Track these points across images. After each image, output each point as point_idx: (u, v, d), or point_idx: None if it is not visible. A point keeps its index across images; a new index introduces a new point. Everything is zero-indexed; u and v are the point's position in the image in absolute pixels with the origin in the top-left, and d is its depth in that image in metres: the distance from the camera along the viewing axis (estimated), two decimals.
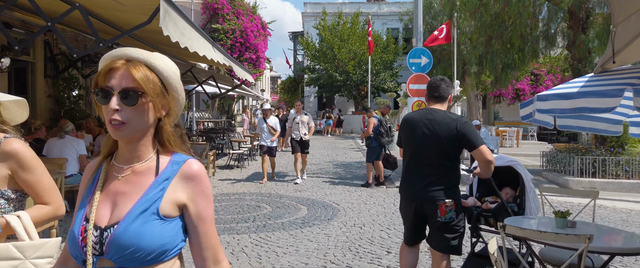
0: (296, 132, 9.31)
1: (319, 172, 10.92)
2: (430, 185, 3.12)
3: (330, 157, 14.41)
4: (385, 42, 26.73)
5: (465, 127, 3.08)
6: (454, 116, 3.22)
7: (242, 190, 8.50)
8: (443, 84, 3.33)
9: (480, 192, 4.00)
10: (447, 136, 3.10)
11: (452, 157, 3.15)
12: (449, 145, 3.11)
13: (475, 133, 3.12)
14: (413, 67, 9.43)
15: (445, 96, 3.32)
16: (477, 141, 3.06)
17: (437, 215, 3.09)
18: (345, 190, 8.64)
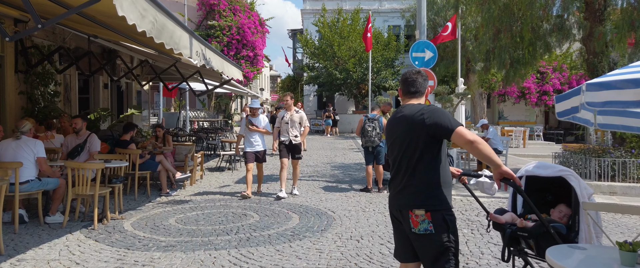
0: (285, 134, 7.60)
1: (314, 175, 10.19)
2: (402, 190, 2.74)
3: (329, 157, 13.70)
4: (386, 39, 26.00)
5: (433, 114, 2.65)
6: (419, 106, 2.76)
7: (230, 195, 7.78)
8: (420, 77, 2.91)
9: (526, 208, 3.27)
10: (416, 129, 2.69)
11: (429, 153, 2.68)
12: (420, 139, 2.67)
13: (445, 116, 2.63)
14: (416, 62, 8.71)
15: (422, 91, 2.91)
16: (449, 124, 2.59)
17: (410, 226, 2.68)
18: (342, 195, 7.92)
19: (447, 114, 2.69)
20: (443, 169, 2.72)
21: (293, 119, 7.61)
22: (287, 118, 7.64)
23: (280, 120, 7.73)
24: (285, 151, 7.65)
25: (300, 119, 7.74)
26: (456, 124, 2.59)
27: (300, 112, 7.78)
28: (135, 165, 7.11)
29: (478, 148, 2.55)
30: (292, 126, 7.60)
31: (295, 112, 7.71)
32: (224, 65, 6.87)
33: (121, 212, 6.21)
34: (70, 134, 6.32)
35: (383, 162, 8.34)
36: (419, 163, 2.70)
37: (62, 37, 9.77)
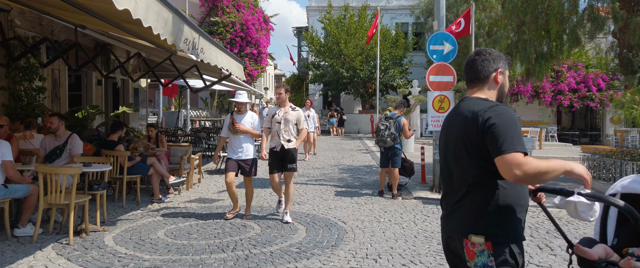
0: (276, 137, 5.79)
1: (322, 178, 9.44)
2: (456, 211, 2.10)
3: (336, 159, 12.94)
4: (394, 36, 25.20)
5: (496, 118, 1.95)
6: (483, 103, 2.06)
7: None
8: (479, 58, 2.19)
9: (620, 237, 2.40)
10: (471, 134, 2.03)
11: (486, 166, 2.00)
12: (476, 147, 2.02)
13: (505, 130, 1.91)
14: (434, 56, 7.93)
15: (484, 75, 2.18)
16: (503, 142, 1.89)
17: (465, 257, 2.06)
18: (353, 202, 7.16)
19: (513, 125, 1.93)
20: (513, 186, 1.98)
21: (287, 118, 5.76)
22: (279, 116, 5.79)
23: (270, 118, 5.86)
24: (276, 162, 5.79)
25: (297, 118, 5.84)
26: (509, 146, 1.86)
27: (297, 110, 5.91)
28: (124, 168, 6.39)
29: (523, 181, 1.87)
30: (286, 127, 5.77)
31: (291, 109, 5.86)
32: (221, 59, 6.12)
33: (104, 223, 5.48)
34: (48, 135, 5.59)
35: (399, 166, 7.57)
36: (477, 178, 2.00)
37: (51, 28, 9.09)
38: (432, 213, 6.44)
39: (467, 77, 2.24)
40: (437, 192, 7.84)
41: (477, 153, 2.00)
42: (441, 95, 7.87)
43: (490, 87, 2.17)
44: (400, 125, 7.58)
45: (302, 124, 5.93)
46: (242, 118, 5.98)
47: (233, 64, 6.85)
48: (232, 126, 5.85)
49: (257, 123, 6.09)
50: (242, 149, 5.87)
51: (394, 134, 7.42)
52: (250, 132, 5.95)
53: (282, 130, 5.75)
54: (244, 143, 5.88)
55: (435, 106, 7.87)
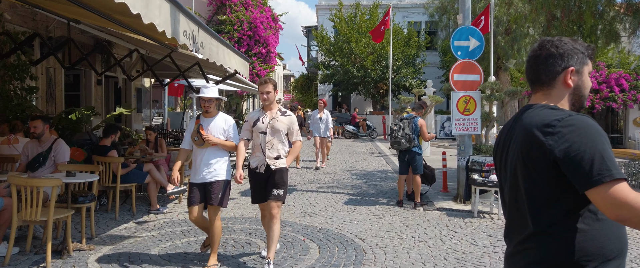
0: (259, 153, 4.21)
1: (334, 186, 8.77)
2: (519, 252, 1.60)
3: (348, 163, 12.26)
4: (406, 35, 24.45)
5: (569, 136, 1.41)
6: (549, 116, 1.49)
7: (233, 213, 6.40)
8: (542, 52, 1.60)
9: None
10: (533, 155, 1.49)
11: (559, 200, 1.46)
12: (541, 176, 1.47)
13: (592, 149, 1.36)
14: (459, 52, 7.23)
15: (549, 77, 1.60)
16: (592, 168, 1.35)
17: None
18: (370, 213, 6.48)
19: (600, 141, 1.37)
20: (603, 227, 1.44)
21: (275, 126, 4.16)
22: (264, 124, 4.18)
23: (251, 126, 4.26)
24: (259, 188, 4.25)
25: (289, 126, 4.24)
26: (605, 173, 1.34)
27: (289, 115, 4.31)
28: (117, 176, 5.77)
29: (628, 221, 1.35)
30: (273, 139, 4.16)
31: (280, 113, 4.24)
32: (223, 55, 5.48)
33: (92, 239, 4.86)
34: (31, 140, 4.99)
35: (421, 172, 6.89)
36: (548, 216, 1.48)
37: (45, 24, 8.53)
38: (459, 229, 5.75)
39: (528, 77, 1.68)
40: (462, 201, 7.14)
41: (545, 183, 1.45)
42: (467, 96, 7.17)
43: (559, 91, 1.59)
44: (417, 126, 6.90)
45: (296, 135, 4.30)
46: (210, 123, 4.24)
47: (237, 61, 6.21)
48: (198, 135, 4.17)
49: (233, 129, 4.35)
50: (210, 167, 4.15)
51: (409, 135, 6.73)
52: (223, 145, 4.22)
53: (267, 143, 4.12)
54: (212, 160, 4.16)
55: (459, 108, 7.16)
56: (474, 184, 6.39)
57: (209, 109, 4.28)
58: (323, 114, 11.05)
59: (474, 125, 7.18)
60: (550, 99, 1.59)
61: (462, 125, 7.18)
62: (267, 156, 4.14)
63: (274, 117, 4.21)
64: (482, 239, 5.29)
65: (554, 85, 1.59)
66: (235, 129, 4.36)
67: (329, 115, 11.28)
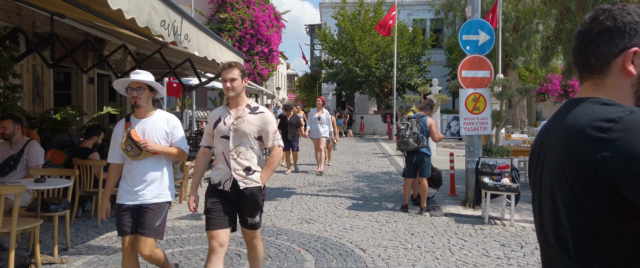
0: (222, 163, 3.11)
1: (335, 189, 8.32)
2: None
3: (350, 165, 11.80)
4: (412, 33, 23.96)
5: (630, 144, 0.94)
6: (600, 113, 1.03)
7: None
8: (595, 26, 1.14)
9: None
10: (577, 169, 1.03)
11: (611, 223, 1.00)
12: (587, 191, 1.01)
13: None
14: (467, 47, 6.77)
15: (601, 61, 1.13)
16: None
17: None
18: (373, 219, 6.03)
19: None
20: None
21: (241, 128, 3.08)
22: (226, 126, 3.10)
23: (211, 129, 3.18)
24: (223, 209, 3.09)
25: (262, 127, 3.14)
26: None
27: (262, 112, 3.18)
28: (99, 180, 5.36)
29: None
30: (241, 146, 3.10)
31: (248, 110, 3.15)
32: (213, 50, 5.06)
33: (67, 251, 4.45)
34: (2, 142, 4.58)
35: (429, 175, 6.43)
36: (594, 254, 1.04)
37: (32, 20, 8.14)
38: (469, 237, 5.29)
39: (575, 61, 1.24)
40: (471, 206, 6.67)
41: (596, 208, 1.02)
42: (476, 94, 6.70)
43: (615, 80, 1.13)
44: (426, 125, 6.44)
45: (273, 139, 3.17)
46: (146, 124, 3.17)
47: (230, 56, 5.78)
48: (131, 143, 3.04)
49: (178, 131, 3.28)
50: (147, 184, 3.13)
51: (418, 134, 6.28)
52: (168, 153, 3.19)
53: (231, 151, 3.05)
54: (150, 174, 3.14)
55: (468, 106, 6.70)
56: (485, 188, 5.92)
57: (139, 100, 3.10)
58: (322, 113, 10.18)
59: (484, 124, 6.72)
60: (604, 90, 1.14)
61: (471, 124, 6.72)
62: (233, 168, 3.04)
63: (241, 115, 3.08)
64: (494, 249, 4.83)
65: (609, 72, 1.13)
66: (181, 131, 3.29)
67: (328, 115, 10.38)
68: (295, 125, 9.95)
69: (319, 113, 10.19)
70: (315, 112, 10.32)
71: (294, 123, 9.97)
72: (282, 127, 9.73)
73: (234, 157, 3.07)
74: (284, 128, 9.76)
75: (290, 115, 10.05)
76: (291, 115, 10.06)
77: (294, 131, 9.91)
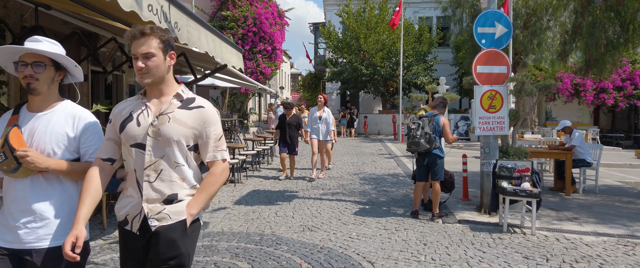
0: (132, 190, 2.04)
1: (339, 192, 7.85)
2: None
3: (355, 166, 11.32)
4: (417, 31, 23.44)
5: None
6: None
7: (221, 225, 5.51)
8: None
9: None
10: None
11: None
12: None
13: None
14: (483, 41, 6.27)
15: None
16: None
17: None
18: (381, 227, 5.55)
19: None
20: None
21: (166, 133, 1.99)
22: (140, 126, 2.01)
23: (117, 131, 2.06)
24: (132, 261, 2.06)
25: (199, 132, 2.06)
26: None
27: (199, 106, 2.06)
28: None
29: None
30: (163, 159, 2.01)
31: (179, 103, 2.06)
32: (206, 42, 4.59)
33: None
34: None
35: (442, 178, 5.95)
36: None
37: (19, 13, 7.71)
38: (487, 247, 4.80)
39: None
40: (486, 213, 6.18)
41: None
42: (492, 91, 6.21)
43: None
44: (439, 125, 5.97)
45: (214, 149, 2.10)
46: (38, 122, 2.08)
47: (226, 49, 5.32)
48: (7, 150, 1.96)
49: (92, 136, 2.15)
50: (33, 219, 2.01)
51: (429, 135, 5.80)
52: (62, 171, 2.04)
53: (147, 167, 2.00)
54: (39, 202, 2.03)
55: (484, 104, 6.21)
56: (503, 193, 5.43)
57: (34, 84, 2.02)
58: (323, 112, 9.23)
59: (501, 124, 6.23)
60: None
61: (487, 124, 6.23)
62: (145, 197, 1.98)
63: (164, 112, 2.01)
64: (517, 262, 4.35)
65: None
66: (97, 137, 2.15)
67: (330, 114, 9.45)
68: (295, 126, 9.06)
69: (321, 112, 9.24)
70: (316, 110, 9.30)
71: (293, 123, 9.06)
72: (281, 128, 9.09)
73: (150, 180, 1.97)
74: (283, 129, 9.03)
75: (290, 115, 9.12)
76: (291, 115, 9.13)
77: (293, 132, 9.05)
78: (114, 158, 2.09)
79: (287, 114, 9.15)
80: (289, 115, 9.12)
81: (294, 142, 9.07)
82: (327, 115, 9.32)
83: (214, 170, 2.10)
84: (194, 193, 2.07)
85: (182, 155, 2.04)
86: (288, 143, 9.01)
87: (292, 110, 9.19)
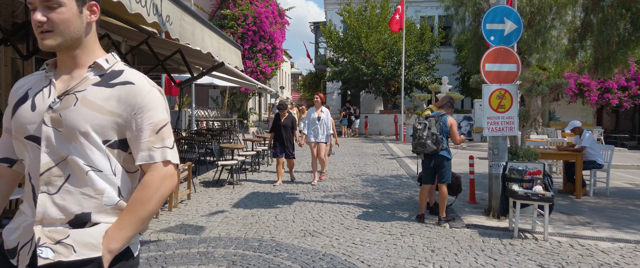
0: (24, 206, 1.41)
1: (341, 195, 7.60)
2: None
3: (357, 167, 11.07)
4: (419, 30, 23.19)
5: None
6: None
7: (218, 231, 5.26)
8: None
9: None
10: None
11: None
12: None
13: None
14: (491, 37, 6.02)
15: None
16: None
17: None
18: (386, 232, 5.30)
19: None
20: None
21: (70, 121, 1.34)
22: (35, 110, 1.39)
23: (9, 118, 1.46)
24: None
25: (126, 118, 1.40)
26: None
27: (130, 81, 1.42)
28: None
29: None
30: (71, 157, 1.35)
31: (95, 79, 1.41)
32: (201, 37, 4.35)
33: None
34: None
35: (449, 181, 5.71)
36: None
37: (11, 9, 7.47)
38: (498, 254, 4.55)
39: None
40: (495, 217, 5.93)
41: None
42: (501, 90, 5.96)
43: None
44: (446, 125, 5.71)
45: (152, 145, 1.40)
46: None
47: (223, 46, 5.07)
48: None
49: None
50: None
51: (437, 135, 5.55)
52: None
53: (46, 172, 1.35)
54: None
55: (492, 104, 5.96)
56: (514, 197, 5.18)
57: None
58: (321, 112, 8.56)
59: (510, 124, 5.98)
60: None
61: (496, 124, 5.97)
62: (40, 216, 1.35)
63: (72, 89, 1.40)
64: None
65: None
66: None
67: (329, 115, 8.74)
68: (291, 128, 8.50)
69: (318, 112, 8.57)
70: (313, 111, 8.63)
71: (289, 125, 8.48)
72: (275, 130, 8.51)
73: (49, 191, 1.36)
74: (278, 130, 8.45)
75: (284, 116, 8.51)
76: (286, 116, 8.53)
77: (289, 134, 8.47)
78: (12, 158, 1.50)
79: (281, 114, 8.52)
80: (283, 116, 8.52)
81: (290, 145, 8.50)
82: (326, 116, 8.63)
83: (149, 180, 1.38)
84: (119, 215, 1.39)
85: (98, 154, 1.36)
86: (284, 146, 8.45)
87: (286, 110, 8.56)
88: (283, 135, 8.42)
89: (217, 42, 4.87)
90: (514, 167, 5.43)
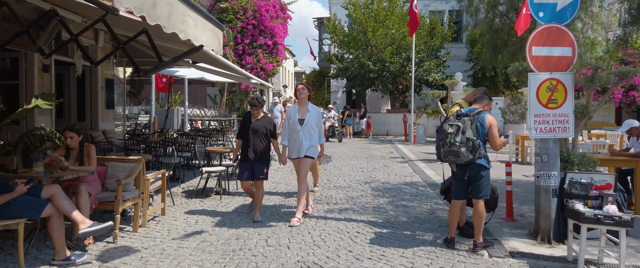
0: None
1: (348, 208, 6.34)
2: None
3: (365, 172, 9.80)
4: (429, 25, 21.88)
5: None
6: None
7: (188, 263, 4.01)
8: None
9: None
10: None
11: None
12: None
13: None
14: (540, 13, 4.76)
15: None
16: None
17: None
18: (407, 262, 4.05)
19: None
20: None
21: None
22: None
23: None
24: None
25: None
26: None
27: None
28: None
29: None
30: None
31: None
32: (167, 12, 3.11)
33: None
34: None
35: (487, 196, 4.44)
36: None
37: None
38: None
39: None
40: (546, 241, 4.66)
41: None
42: (552, 80, 4.68)
43: None
44: (485, 126, 4.44)
45: None
46: None
47: (194, 22, 3.82)
48: None
49: None
50: None
51: (473, 141, 4.27)
52: None
53: None
54: None
55: (541, 98, 4.69)
56: (578, 220, 3.91)
57: None
58: (307, 111, 5.59)
59: (564, 124, 4.70)
60: None
61: (546, 124, 4.70)
62: None
63: None
64: None
65: None
66: None
67: (319, 114, 5.69)
68: (264, 135, 5.54)
69: (302, 112, 5.61)
70: (295, 110, 5.64)
71: (261, 130, 5.52)
72: (242, 136, 5.61)
73: None
74: (245, 137, 5.56)
75: (258, 116, 5.61)
76: (260, 117, 5.61)
77: (260, 144, 5.50)
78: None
79: (254, 114, 5.62)
80: (255, 117, 5.62)
81: (261, 160, 5.49)
82: (313, 116, 5.59)
83: None
84: None
85: None
86: (249, 160, 5.48)
87: (260, 109, 5.60)
88: (251, 144, 5.48)
89: (184, 14, 3.63)
90: (576, 179, 4.15)
